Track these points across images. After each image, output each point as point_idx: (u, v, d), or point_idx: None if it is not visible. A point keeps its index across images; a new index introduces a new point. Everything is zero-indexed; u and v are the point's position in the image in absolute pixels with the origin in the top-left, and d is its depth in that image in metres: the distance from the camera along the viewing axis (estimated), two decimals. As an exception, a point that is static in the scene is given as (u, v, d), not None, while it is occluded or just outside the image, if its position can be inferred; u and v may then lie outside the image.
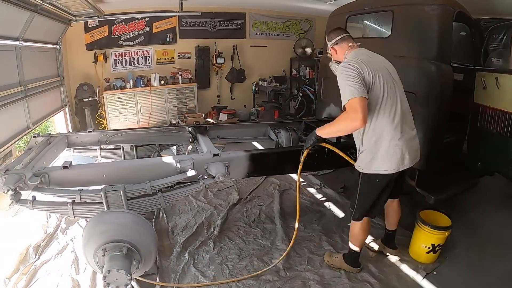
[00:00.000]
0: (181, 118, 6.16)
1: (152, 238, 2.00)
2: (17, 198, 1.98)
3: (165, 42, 6.21)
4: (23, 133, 3.48)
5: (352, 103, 1.68)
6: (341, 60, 1.93)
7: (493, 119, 2.82)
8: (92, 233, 1.87)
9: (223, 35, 6.62)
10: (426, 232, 2.34)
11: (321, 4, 5.57)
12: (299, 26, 7.35)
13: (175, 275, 2.29)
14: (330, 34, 2.02)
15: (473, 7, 2.84)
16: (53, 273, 2.29)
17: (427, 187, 2.75)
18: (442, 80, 2.39)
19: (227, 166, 2.24)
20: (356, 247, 2.24)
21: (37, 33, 3.79)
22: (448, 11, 2.43)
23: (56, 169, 2.07)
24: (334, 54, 2.03)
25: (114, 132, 2.95)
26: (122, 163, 2.66)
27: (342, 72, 1.76)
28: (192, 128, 2.99)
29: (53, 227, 2.84)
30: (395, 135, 1.84)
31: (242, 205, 3.27)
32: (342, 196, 3.40)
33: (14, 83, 3.37)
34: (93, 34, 5.61)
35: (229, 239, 2.71)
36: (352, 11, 3.26)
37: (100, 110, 5.67)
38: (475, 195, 3.33)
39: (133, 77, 5.87)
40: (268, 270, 2.32)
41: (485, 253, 2.53)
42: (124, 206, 2.01)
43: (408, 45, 2.61)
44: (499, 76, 2.74)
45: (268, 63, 7.03)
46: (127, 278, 1.76)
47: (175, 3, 4.98)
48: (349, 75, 1.73)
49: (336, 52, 2.00)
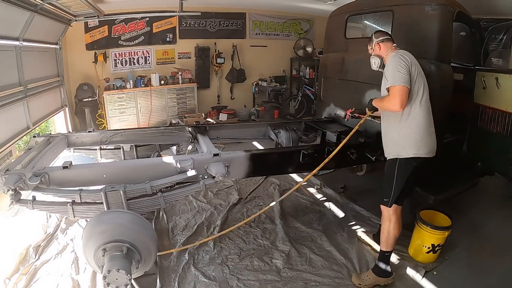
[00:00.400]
0: (181, 118, 6.16)
1: (152, 238, 2.00)
2: (17, 198, 1.98)
3: (165, 42, 6.21)
4: (23, 133, 3.48)
5: (395, 90, 1.97)
6: (382, 56, 2.21)
7: (493, 119, 2.82)
8: (92, 233, 1.87)
9: (223, 35, 6.62)
10: (426, 232, 2.35)
11: (321, 4, 5.57)
12: (299, 26, 7.35)
13: (175, 275, 2.29)
14: (377, 33, 2.30)
15: (473, 7, 2.85)
16: (53, 273, 2.29)
17: (427, 187, 2.75)
18: (442, 80, 2.39)
19: (227, 166, 2.24)
20: (389, 248, 2.19)
21: (37, 33, 3.79)
22: (448, 11, 2.43)
23: (56, 169, 2.07)
24: (377, 49, 2.25)
25: (114, 132, 2.95)
26: (122, 163, 2.66)
27: (395, 60, 2.02)
28: (192, 128, 2.99)
29: (53, 227, 2.84)
30: (431, 124, 2.10)
31: (242, 205, 3.27)
32: (342, 196, 3.40)
33: (14, 83, 3.37)
34: (93, 34, 5.61)
35: (229, 239, 2.71)
36: (352, 11, 3.26)
37: (100, 110, 5.67)
38: (475, 195, 3.33)
39: (133, 77, 5.87)
40: (268, 270, 2.33)
41: (485, 253, 2.53)
42: (124, 206, 2.01)
43: (408, 45, 2.60)
44: (499, 76, 2.74)
45: (268, 63, 7.03)
46: (127, 278, 1.76)
47: (175, 3, 4.98)
48: (400, 64, 1.98)
49: (379, 48, 2.23)
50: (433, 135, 2.10)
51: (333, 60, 3.38)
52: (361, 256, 2.53)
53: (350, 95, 3.18)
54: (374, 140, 2.77)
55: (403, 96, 1.94)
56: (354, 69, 3.15)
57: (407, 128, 2.06)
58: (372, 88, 2.92)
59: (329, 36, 3.63)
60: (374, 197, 3.43)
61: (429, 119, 2.07)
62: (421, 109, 2.04)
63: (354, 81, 3.11)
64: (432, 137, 2.09)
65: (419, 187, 2.78)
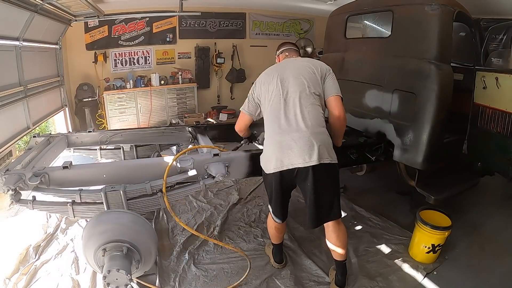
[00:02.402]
0: (181, 118, 6.16)
1: (152, 238, 2.00)
2: (17, 198, 1.98)
3: (165, 42, 6.21)
4: (23, 133, 3.48)
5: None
6: None
7: (493, 119, 2.82)
8: (92, 233, 1.87)
9: (223, 35, 6.62)
10: (426, 232, 2.35)
11: (321, 4, 5.57)
12: (299, 26, 7.35)
13: (175, 275, 2.29)
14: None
15: (473, 7, 2.84)
16: (53, 273, 2.29)
17: (427, 187, 2.75)
18: (442, 80, 2.39)
19: (227, 166, 2.24)
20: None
21: (37, 33, 3.79)
22: (448, 11, 2.43)
23: (56, 169, 2.06)
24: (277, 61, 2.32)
25: (114, 132, 2.95)
26: (122, 163, 2.66)
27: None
28: (192, 128, 2.99)
29: (53, 227, 2.84)
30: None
31: (242, 205, 3.27)
32: (342, 196, 3.38)
33: (14, 83, 3.37)
34: (93, 34, 5.60)
35: (230, 239, 2.71)
36: (352, 11, 3.26)
37: (100, 110, 5.67)
38: (475, 195, 3.33)
39: (133, 77, 5.86)
40: (269, 270, 2.33)
41: (485, 253, 2.53)
42: (124, 206, 2.01)
43: (408, 45, 2.61)
44: (499, 76, 2.73)
45: (268, 63, 6.83)
46: (127, 278, 1.76)
47: (175, 3, 4.98)
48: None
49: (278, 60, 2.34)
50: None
51: (333, 60, 3.37)
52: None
53: (350, 95, 3.16)
54: (374, 140, 2.78)
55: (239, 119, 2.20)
56: (354, 69, 3.15)
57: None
58: (372, 88, 2.92)
59: (329, 36, 3.63)
60: (374, 197, 3.45)
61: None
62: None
63: (354, 81, 3.12)
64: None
65: (419, 187, 2.79)
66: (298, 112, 1.89)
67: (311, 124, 1.87)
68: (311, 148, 1.82)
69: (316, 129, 1.87)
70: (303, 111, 1.89)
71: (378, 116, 2.87)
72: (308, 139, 1.84)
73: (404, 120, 2.62)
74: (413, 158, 2.56)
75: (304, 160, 1.82)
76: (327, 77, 1.99)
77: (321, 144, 1.85)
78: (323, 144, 1.86)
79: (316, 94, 1.94)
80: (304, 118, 1.88)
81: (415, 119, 2.50)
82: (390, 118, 2.74)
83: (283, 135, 1.88)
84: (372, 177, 3.72)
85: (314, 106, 1.92)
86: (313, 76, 1.96)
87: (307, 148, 1.82)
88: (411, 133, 2.55)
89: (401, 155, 2.66)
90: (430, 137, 2.44)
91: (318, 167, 1.82)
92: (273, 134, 1.93)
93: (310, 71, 1.98)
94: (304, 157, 1.82)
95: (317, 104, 1.94)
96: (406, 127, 2.59)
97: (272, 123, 1.96)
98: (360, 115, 3.08)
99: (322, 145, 1.85)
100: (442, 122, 2.47)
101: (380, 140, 2.77)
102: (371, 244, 2.64)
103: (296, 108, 1.90)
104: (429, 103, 2.41)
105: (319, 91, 1.95)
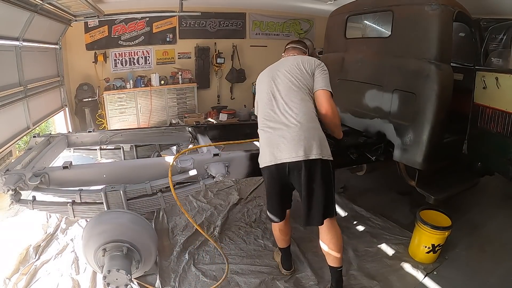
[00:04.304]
0: (181, 118, 6.17)
1: (152, 238, 2.00)
2: (17, 198, 1.98)
3: (165, 42, 6.21)
4: (23, 133, 3.48)
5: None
6: None
7: (493, 119, 2.82)
8: (92, 233, 1.87)
9: (223, 35, 6.62)
10: (426, 232, 2.34)
11: (321, 4, 5.57)
12: (299, 26, 7.35)
13: (175, 275, 2.29)
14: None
15: (473, 7, 2.84)
16: (53, 273, 2.29)
17: (427, 187, 2.75)
18: (442, 80, 2.39)
19: (227, 166, 2.24)
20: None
21: (37, 33, 3.79)
22: (448, 11, 2.43)
23: (56, 169, 2.06)
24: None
25: (114, 132, 2.95)
26: (122, 163, 2.66)
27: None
28: (192, 128, 2.99)
29: (53, 227, 2.84)
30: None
31: (242, 205, 3.27)
32: (342, 196, 3.40)
33: (14, 83, 3.37)
34: (93, 34, 5.61)
35: (230, 239, 2.71)
36: (352, 11, 3.26)
37: (100, 110, 5.67)
38: (475, 195, 3.33)
39: (133, 77, 5.87)
40: (269, 270, 2.32)
41: (485, 253, 2.53)
42: (124, 206, 2.01)
43: (408, 45, 2.61)
44: (499, 76, 2.73)
45: (268, 63, 6.88)
46: (127, 278, 1.76)
47: (175, 3, 4.98)
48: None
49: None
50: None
51: (333, 60, 3.38)
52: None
53: (350, 95, 3.18)
54: (374, 140, 2.78)
55: None
56: (354, 69, 3.15)
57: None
58: (372, 88, 2.92)
59: (329, 36, 3.63)
60: (374, 197, 3.45)
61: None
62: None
63: (354, 81, 3.12)
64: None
65: (419, 187, 2.79)
66: (287, 108, 1.90)
67: (301, 119, 1.86)
68: (298, 143, 1.82)
69: (306, 125, 1.86)
70: (292, 107, 1.90)
71: (378, 116, 2.87)
72: (297, 134, 1.83)
73: (404, 120, 2.62)
74: (413, 158, 2.56)
75: (291, 155, 1.82)
76: (316, 71, 1.99)
77: (310, 140, 1.83)
78: (313, 139, 1.84)
79: (307, 89, 1.95)
80: (293, 114, 1.88)
81: (415, 119, 2.50)
82: (390, 118, 2.74)
83: (274, 131, 1.90)
84: (372, 177, 3.72)
85: (305, 102, 1.92)
86: (303, 71, 1.98)
87: (294, 143, 1.82)
88: (411, 133, 2.55)
89: (401, 155, 2.66)
90: (430, 137, 2.44)
91: (308, 163, 1.82)
92: (265, 130, 1.96)
93: (301, 67, 2.00)
94: (291, 153, 1.83)
95: (308, 100, 1.94)
96: (406, 127, 2.59)
97: (263, 120, 2.00)
98: (360, 115, 3.08)
99: (311, 141, 1.83)
100: (442, 122, 2.47)
101: (380, 140, 2.77)
102: (371, 244, 2.64)
103: (285, 104, 1.91)
104: (429, 103, 2.41)
105: (309, 86, 1.97)
